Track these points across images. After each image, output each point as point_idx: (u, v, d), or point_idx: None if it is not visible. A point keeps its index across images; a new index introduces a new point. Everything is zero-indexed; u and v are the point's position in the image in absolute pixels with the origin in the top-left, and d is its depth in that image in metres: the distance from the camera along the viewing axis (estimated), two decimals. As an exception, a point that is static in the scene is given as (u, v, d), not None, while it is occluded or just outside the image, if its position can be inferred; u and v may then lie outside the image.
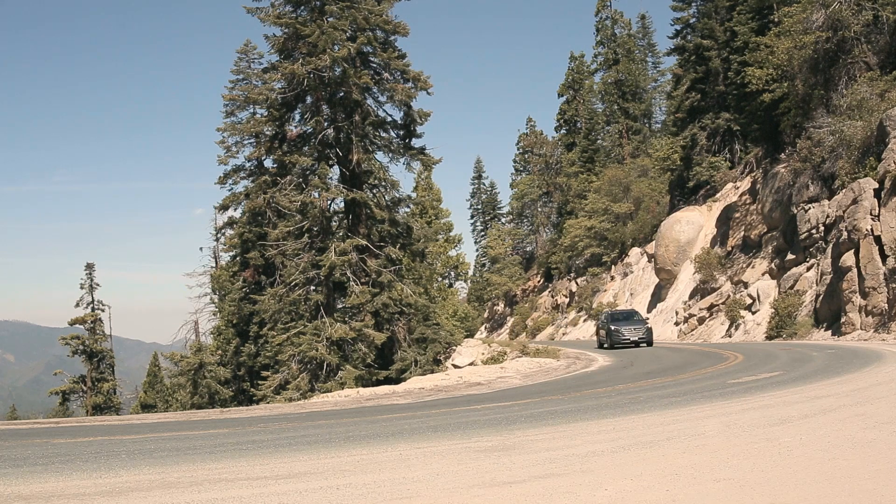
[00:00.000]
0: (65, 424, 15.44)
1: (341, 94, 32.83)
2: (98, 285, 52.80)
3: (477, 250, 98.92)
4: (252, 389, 38.60)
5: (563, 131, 79.82)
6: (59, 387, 51.27)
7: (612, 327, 34.76)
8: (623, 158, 71.11)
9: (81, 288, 52.40)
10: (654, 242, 55.01)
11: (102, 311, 52.66)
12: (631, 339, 34.04)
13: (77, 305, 52.11)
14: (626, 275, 60.66)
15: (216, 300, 49.84)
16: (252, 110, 45.86)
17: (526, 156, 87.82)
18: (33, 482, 6.38)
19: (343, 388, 26.02)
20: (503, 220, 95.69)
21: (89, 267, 52.77)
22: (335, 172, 33.59)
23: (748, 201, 45.81)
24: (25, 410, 73.79)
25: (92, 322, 51.66)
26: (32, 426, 14.87)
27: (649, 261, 57.08)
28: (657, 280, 53.59)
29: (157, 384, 60.81)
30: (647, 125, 78.55)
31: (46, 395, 55.40)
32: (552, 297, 72.70)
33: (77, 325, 51.75)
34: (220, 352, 44.99)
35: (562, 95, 78.76)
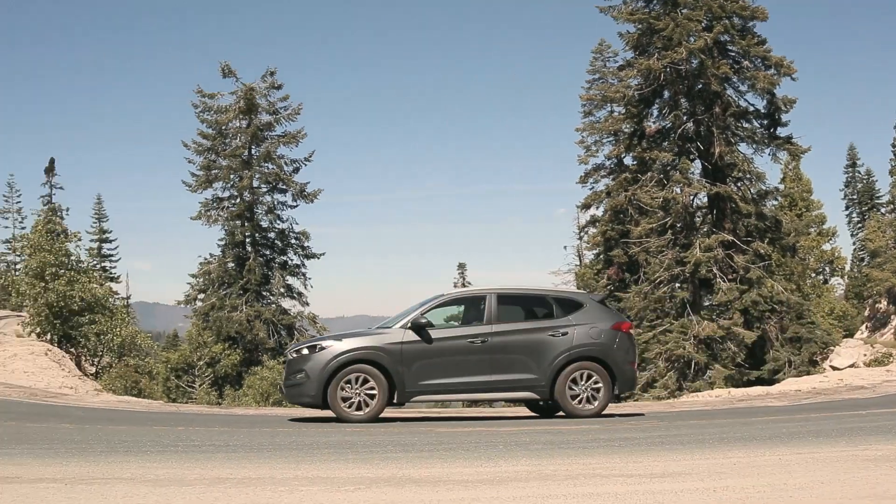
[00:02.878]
0: (445, 415, 16.57)
1: (699, 86, 32.21)
2: (469, 284, 55.81)
3: (854, 243, 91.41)
4: (619, 387, 38.84)
5: (953, 106, 71.63)
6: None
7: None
8: None
9: (454, 287, 55.67)
10: None
11: (465, 308, 55.52)
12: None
13: (451, 305, 55.50)
14: None
15: (581, 298, 50.61)
16: (609, 108, 46.22)
17: (907, 139, 79.86)
18: (421, 467, 6.88)
19: (712, 388, 25.52)
20: (883, 210, 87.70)
21: (461, 266, 56.04)
22: (696, 167, 33.08)
23: None
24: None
25: (466, 319, 54.76)
26: (415, 414, 16.13)
27: None
28: None
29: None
30: None
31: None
32: (948, 292, 65.56)
33: (452, 322, 55.16)
34: (586, 348, 45.67)
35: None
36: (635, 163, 37.31)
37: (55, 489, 5.52)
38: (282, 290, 40.69)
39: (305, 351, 11.70)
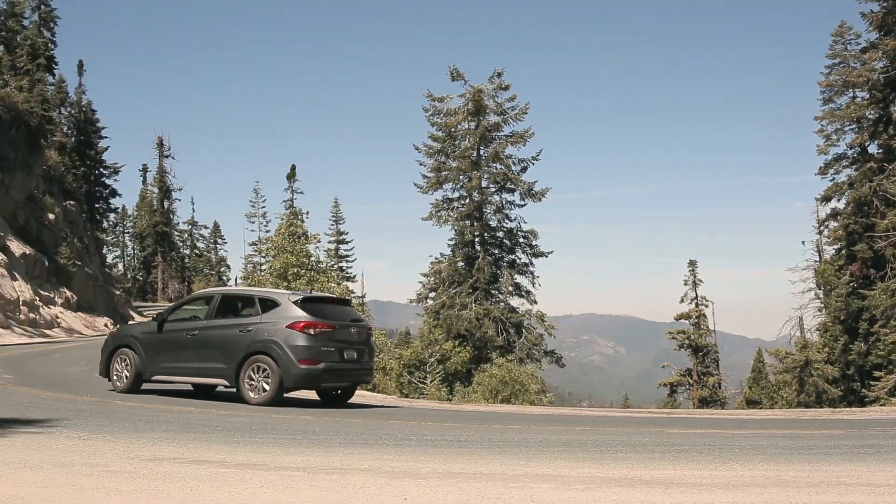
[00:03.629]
0: (675, 415, 16.22)
1: (956, 65, 29.90)
2: (701, 281, 54.18)
3: None
4: (863, 390, 36.93)
5: None
6: (666, 379, 53.69)
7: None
8: None
9: (685, 284, 54.27)
10: None
11: (706, 306, 53.92)
12: None
13: (681, 301, 54.11)
14: None
15: (821, 296, 48.22)
16: (851, 94, 43.72)
17: None
18: (652, 468, 6.78)
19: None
20: None
21: (692, 264, 54.39)
22: (952, 153, 30.71)
23: None
24: (636, 399, 78.77)
25: (696, 317, 53.20)
26: (646, 415, 15.89)
27: None
28: None
29: (761, 380, 60.54)
30: None
31: (654, 387, 58.40)
32: None
33: (682, 321, 53.75)
34: (826, 349, 43.46)
35: None
36: (881, 151, 35.52)
37: (299, 477, 5.94)
38: (510, 288, 41.30)
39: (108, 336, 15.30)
